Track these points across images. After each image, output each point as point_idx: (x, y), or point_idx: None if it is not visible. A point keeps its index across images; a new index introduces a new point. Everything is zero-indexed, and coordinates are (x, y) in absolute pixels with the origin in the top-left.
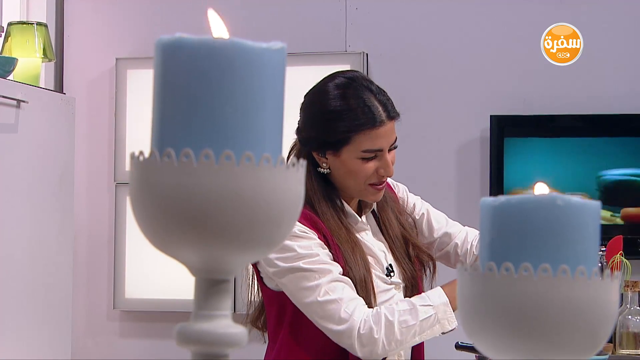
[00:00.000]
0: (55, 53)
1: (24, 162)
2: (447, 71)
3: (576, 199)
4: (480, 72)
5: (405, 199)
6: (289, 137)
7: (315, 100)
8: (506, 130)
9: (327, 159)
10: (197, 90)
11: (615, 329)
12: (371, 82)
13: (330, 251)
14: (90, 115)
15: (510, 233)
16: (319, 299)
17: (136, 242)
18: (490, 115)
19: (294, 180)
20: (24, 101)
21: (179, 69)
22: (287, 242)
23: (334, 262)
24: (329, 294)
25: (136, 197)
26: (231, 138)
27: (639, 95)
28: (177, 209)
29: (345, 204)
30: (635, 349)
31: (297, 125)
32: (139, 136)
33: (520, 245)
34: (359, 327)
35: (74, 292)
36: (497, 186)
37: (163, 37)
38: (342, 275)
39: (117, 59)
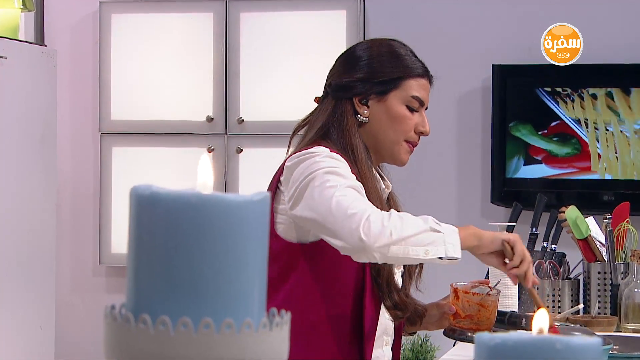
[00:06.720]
0: (35, 1)
1: (4, 120)
2: (449, 17)
3: (576, 339)
4: (483, 19)
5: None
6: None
7: (365, 47)
8: (509, 79)
9: (368, 107)
10: (174, 249)
11: (620, 302)
12: None
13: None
14: (73, 63)
15: None
16: (336, 194)
17: (122, 195)
18: (493, 65)
19: (277, 341)
20: (2, 57)
21: (154, 226)
22: (317, 159)
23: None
24: (345, 196)
25: (111, 358)
26: (211, 304)
27: None
28: None
29: (374, 171)
30: None
31: (329, 73)
32: (124, 83)
33: None
34: (369, 214)
35: (58, 248)
36: (499, 137)
37: (138, 188)
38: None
39: (100, 3)
